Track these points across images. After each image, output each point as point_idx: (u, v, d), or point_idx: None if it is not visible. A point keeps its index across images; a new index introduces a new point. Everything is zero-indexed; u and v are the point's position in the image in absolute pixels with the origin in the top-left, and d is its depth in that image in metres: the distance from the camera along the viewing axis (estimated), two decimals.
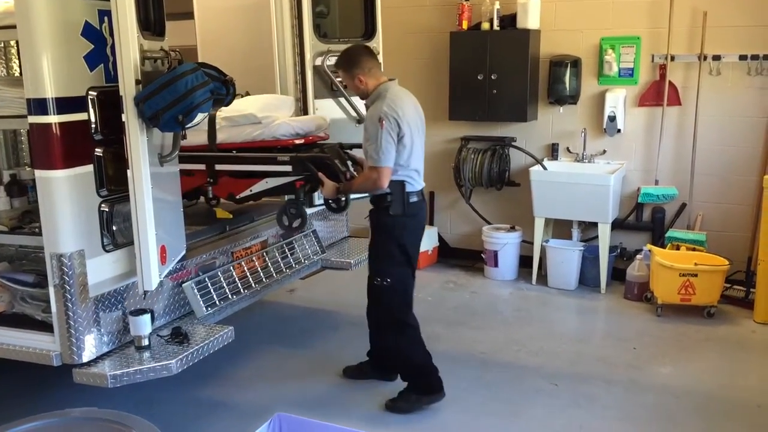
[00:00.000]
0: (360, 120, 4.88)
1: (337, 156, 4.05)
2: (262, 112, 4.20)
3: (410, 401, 3.90)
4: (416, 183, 3.78)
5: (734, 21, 5.34)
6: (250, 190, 4.24)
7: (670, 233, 5.62)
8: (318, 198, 4.41)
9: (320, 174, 3.92)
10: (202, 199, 4.57)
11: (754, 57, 5.31)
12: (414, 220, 3.84)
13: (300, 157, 4.04)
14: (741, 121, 5.47)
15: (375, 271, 3.86)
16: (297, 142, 4.18)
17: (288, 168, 4.04)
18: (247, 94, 4.80)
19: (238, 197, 4.30)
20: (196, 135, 4.18)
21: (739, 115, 5.47)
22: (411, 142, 3.68)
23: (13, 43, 4.37)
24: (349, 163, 4.08)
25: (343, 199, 4.18)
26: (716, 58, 5.42)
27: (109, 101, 3.19)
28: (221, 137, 4.20)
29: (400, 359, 3.96)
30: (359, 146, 4.18)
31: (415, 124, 3.73)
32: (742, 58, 5.35)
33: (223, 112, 4.18)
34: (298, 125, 4.21)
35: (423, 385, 3.92)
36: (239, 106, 4.25)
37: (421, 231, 3.99)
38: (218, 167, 4.24)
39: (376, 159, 3.59)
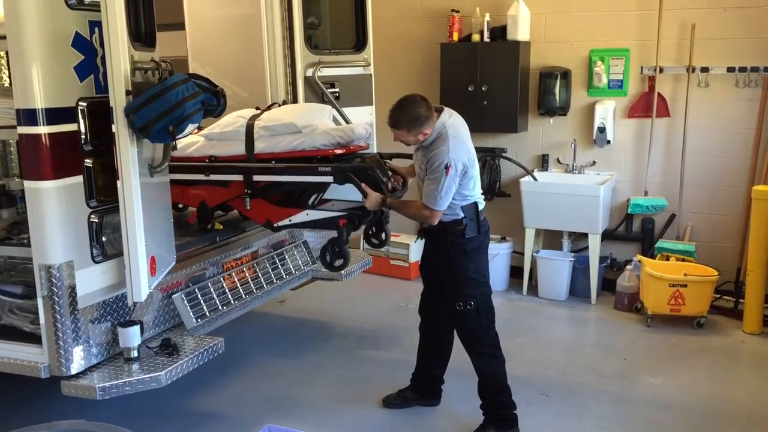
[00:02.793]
0: None
1: (379, 166, 3.91)
2: (302, 120, 4.06)
3: None
4: (481, 201, 3.70)
5: (722, 33, 5.39)
6: (289, 220, 4.12)
7: (660, 244, 5.64)
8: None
9: (364, 185, 3.78)
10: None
11: (742, 69, 5.35)
12: (486, 237, 3.75)
13: (342, 167, 3.90)
14: (729, 132, 5.51)
15: (456, 295, 3.65)
16: (338, 151, 4.02)
17: (329, 179, 3.90)
18: (284, 102, 4.76)
19: (275, 225, 4.17)
20: (233, 145, 4.11)
21: (728, 127, 5.51)
22: (474, 170, 3.60)
23: (2, 53, 4.37)
24: (390, 173, 3.96)
25: (384, 235, 4.24)
26: (704, 70, 5.47)
27: (99, 112, 3.18)
28: (259, 147, 4.06)
29: (493, 384, 3.75)
30: (399, 156, 4.16)
31: (473, 150, 3.63)
32: (730, 70, 5.39)
33: (261, 121, 4.09)
34: (339, 134, 4.04)
35: (503, 419, 3.76)
36: (278, 115, 4.16)
37: (488, 245, 3.86)
38: (256, 178, 4.08)
39: (433, 202, 3.49)
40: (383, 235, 4.30)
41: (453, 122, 3.58)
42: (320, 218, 4.06)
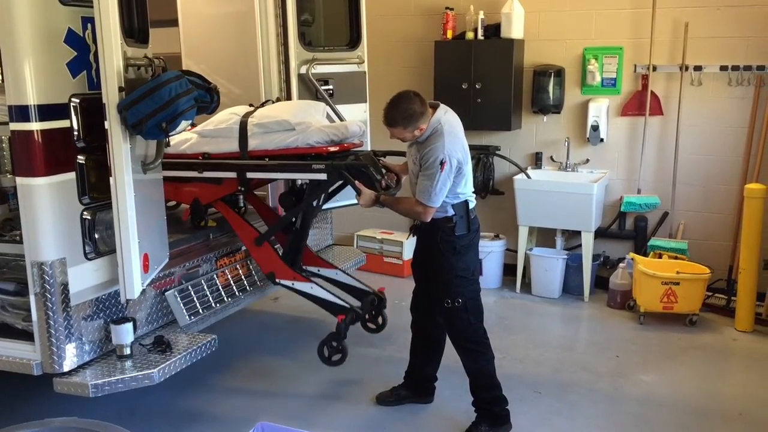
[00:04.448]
0: None
1: (372, 164, 3.89)
2: (295, 118, 4.05)
3: None
4: (473, 199, 3.70)
5: (715, 32, 5.40)
6: (292, 284, 4.17)
7: (653, 242, 5.66)
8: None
9: (358, 183, 3.76)
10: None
11: (735, 68, 5.37)
12: (476, 235, 3.76)
13: (336, 164, 3.88)
14: (722, 130, 5.53)
15: (444, 293, 3.66)
16: (331, 149, 4.00)
17: (323, 176, 3.90)
18: (278, 99, 4.75)
19: (277, 281, 4.19)
20: (226, 142, 4.11)
21: (720, 125, 5.52)
22: (467, 168, 3.61)
23: None
24: (383, 170, 3.94)
25: (381, 320, 4.45)
26: (697, 68, 5.48)
27: (92, 108, 3.18)
28: (253, 144, 4.06)
29: (483, 381, 3.77)
30: (392, 153, 4.17)
31: (467, 149, 3.63)
32: (723, 68, 5.41)
33: (255, 118, 4.08)
34: (333, 132, 4.04)
35: (495, 415, 3.76)
36: (272, 112, 4.15)
37: (478, 243, 3.87)
38: (250, 175, 4.08)
39: (427, 198, 3.49)
40: (380, 320, 4.46)
41: (448, 119, 3.58)
42: (320, 297, 4.14)
